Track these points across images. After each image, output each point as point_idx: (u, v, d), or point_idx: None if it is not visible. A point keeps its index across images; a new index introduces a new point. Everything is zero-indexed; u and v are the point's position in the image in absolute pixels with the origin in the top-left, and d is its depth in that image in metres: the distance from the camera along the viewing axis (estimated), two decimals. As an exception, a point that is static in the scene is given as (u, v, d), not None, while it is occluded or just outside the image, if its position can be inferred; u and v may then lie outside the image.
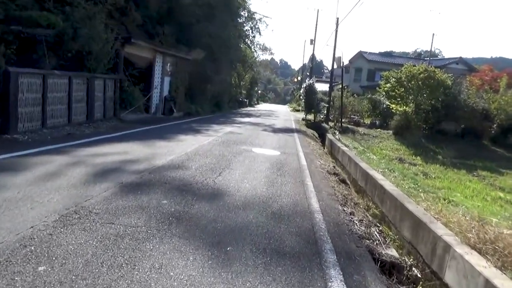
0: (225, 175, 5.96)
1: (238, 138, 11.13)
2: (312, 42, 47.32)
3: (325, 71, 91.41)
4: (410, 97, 22.48)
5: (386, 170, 12.03)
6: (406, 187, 9.51)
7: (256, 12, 33.26)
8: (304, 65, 67.05)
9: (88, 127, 10.53)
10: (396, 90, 22.59)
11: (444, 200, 9.16)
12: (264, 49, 40.34)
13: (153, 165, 6.04)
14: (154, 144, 8.40)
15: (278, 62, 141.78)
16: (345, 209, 5.02)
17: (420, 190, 9.45)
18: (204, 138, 10.12)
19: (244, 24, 34.26)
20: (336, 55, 23.04)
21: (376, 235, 4.25)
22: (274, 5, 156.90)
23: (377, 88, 31.45)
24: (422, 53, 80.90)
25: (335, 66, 24.09)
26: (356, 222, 4.53)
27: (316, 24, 44.51)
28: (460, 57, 41.33)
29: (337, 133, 19.64)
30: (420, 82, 21.74)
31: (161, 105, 16.95)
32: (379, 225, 4.86)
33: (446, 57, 56.15)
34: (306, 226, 4.03)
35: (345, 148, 13.00)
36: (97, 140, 8.37)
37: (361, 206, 6.15)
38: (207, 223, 3.74)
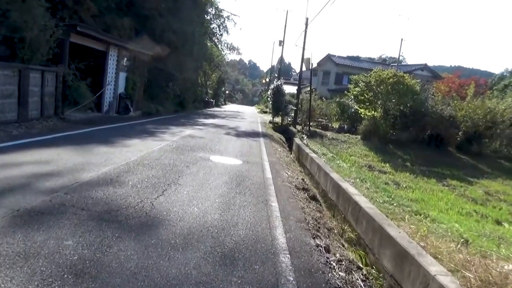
0: (170, 194, 4.73)
1: (196, 143, 9.88)
2: (281, 43, 46.70)
3: (293, 73, 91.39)
4: (379, 102, 22.10)
5: (358, 180, 11.20)
6: (381, 200, 8.68)
7: (224, 10, 32.04)
8: (272, 66, 66.55)
9: (18, 127, 8.91)
10: (365, 95, 22.13)
11: (420, 215, 8.44)
12: (232, 48, 39.07)
13: (76, 181, 4.70)
14: (91, 150, 7.00)
15: (247, 63, 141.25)
16: (318, 242, 3.94)
17: (395, 204, 8.66)
18: (156, 143, 8.78)
19: (212, 22, 32.92)
20: (305, 56, 22.27)
21: (360, 285, 3.20)
22: (243, 5, 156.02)
23: (345, 92, 31.15)
24: (387, 59, 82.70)
25: (303, 68, 23.33)
26: (334, 264, 3.47)
27: (285, 26, 43.94)
28: (425, 64, 42.04)
29: (305, 137, 18.81)
30: (389, 87, 21.38)
31: (115, 103, 15.33)
32: (361, 265, 3.83)
33: (409, 63, 57.36)
34: (268, 278, 2.90)
35: (313, 155, 12.10)
36: (21, 144, 6.86)
37: (335, 231, 5.13)
38: (121, 282, 2.52)
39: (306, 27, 22.93)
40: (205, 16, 30.75)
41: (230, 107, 50.71)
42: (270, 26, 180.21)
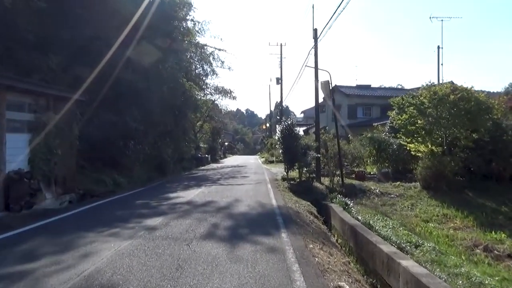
0: None
1: None
2: (279, 81, 40.84)
3: (293, 116, 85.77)
4: (439, 131, 14.98)
5: None
6: None
7: (206, 45, 25.96)
8: (271, 112, 61.05)
9: None
10: (417, 122, 15.11)
11: None
12: (223, 92, 32.77)
13: None
14: None
15: (244, 112, 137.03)
16: None
17: None
18: None
19: (192, 60, 26.78)
20: (322, 80, 15.48)
21: None
22: (232, 47, 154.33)
23: (374, 124, 24.18)
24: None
25: (321, 95, 16.46)
26: None
27: (281, 60, 38.14)
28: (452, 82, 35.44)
29: (349, 201, 11.48)
30: (453, 109, 14.32)
31: (-1, 191, 8.22)
32: None
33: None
34: None
35: (412, 266, 4.62)
36: None
37: None
38: None
39: (316, 42, 16.43)
40: (187, 54, 24.71)
41: (230, 160, 43.59)
42: (264, 70, 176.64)
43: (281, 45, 38.85)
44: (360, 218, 9.10)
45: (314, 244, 5.97)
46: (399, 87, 53.81)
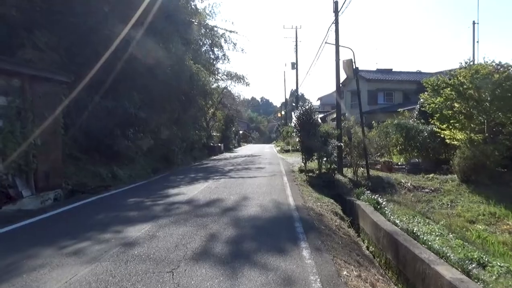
0: None
1: None
2: (294, 66, 38.83)
3: (309, 104, 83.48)
4: (480, 117, 12.99)
5: None
6: None
7: (216, 26, 24.16)
8: (286, 99, 59.18)
9: None
10: (456, 105, 13.12)
11: None
12: (236, 77, 31.01)
13: None
14: None
15: (259, 100, 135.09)
16: None
17: None
18: None
19: (203, 44, 25.04)
20: (345, 58, 13.61)
21: None
22: (244, 32, 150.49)
23: (400, 110, 22.17)
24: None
25: (343, 75, 14.57)
26: None
27: (296, 43, 36.10)
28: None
29: (382, 200, 9.68)
30: (497, 90, 12.28)
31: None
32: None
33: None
34: None
35: None
36: None
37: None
38: None
39: (337, 16, 14.48)
40: (194, 35, 22.98)
41: (243, 150, 41.90)
42: (279, 54, 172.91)
43: (296, 28, 36.71)
44: (398, 222, 7.36)
45: (348, 269, 4.29)
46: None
